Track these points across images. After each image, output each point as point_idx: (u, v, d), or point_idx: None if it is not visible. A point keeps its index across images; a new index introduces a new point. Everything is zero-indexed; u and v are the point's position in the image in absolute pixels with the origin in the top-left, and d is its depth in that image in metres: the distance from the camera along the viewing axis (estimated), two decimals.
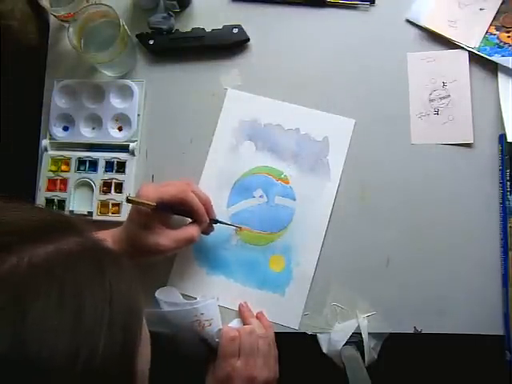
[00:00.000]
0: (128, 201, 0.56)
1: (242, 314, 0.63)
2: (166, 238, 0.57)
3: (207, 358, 0.60)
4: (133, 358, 0.31)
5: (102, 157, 0.67)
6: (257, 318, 0.62)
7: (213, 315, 0.60)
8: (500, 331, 0.60)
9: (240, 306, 0.63)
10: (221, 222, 0.63)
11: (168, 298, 0.62)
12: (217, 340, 0.59)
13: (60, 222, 0.34)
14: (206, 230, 0.62)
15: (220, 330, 0.59)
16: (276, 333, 0.61)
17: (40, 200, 0.67)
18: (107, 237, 0.58)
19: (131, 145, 0.67)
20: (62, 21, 0.72)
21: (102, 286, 0.30)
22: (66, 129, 0.70)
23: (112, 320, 0.29)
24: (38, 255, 0.29)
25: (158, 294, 0.62)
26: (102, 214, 0.66)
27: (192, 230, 0.58)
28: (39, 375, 0.26)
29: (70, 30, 0.65)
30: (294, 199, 0.65)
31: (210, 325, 0.59)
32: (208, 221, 0.60)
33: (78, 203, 0.67)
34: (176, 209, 0.58)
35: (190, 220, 0.60)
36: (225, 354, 0.57)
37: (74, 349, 0.27)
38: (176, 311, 0.60)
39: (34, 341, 0.26)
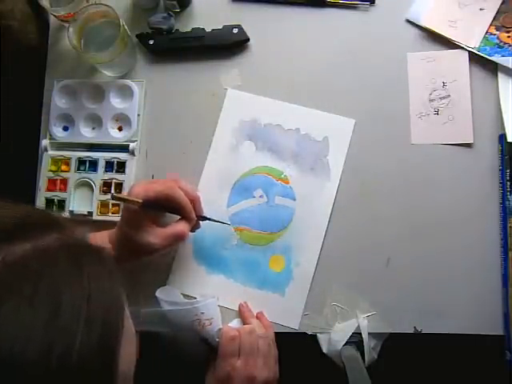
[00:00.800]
0: (113, 198, 0.56)
1: (242, 313, 0.63)
2: (155, 236, 0.56)
3: (207, 358, 0.60)
4: (113, 356, 0.30)
5: (102, 157, 0.67)
6: (257, 317, 0.62)
7: (213, 314, 0.60)
8: (500, 331, 0.60)
9: (240, 305, 0.63)
10: (209, 219, 0.62)
11: (168, 297, 0.62)
12: (217, 339, 0.59)
13: (42, 219, 0.34)
14: (193, 228, 0.60)
15: (220, 329, 0.59)
16: (276, 333, 0.61)
17: (40, 200, 0.67)
18: (105, 237, 0.58)
19: (131, 145, 0.67)
20: (62, 21, 0.72)
21: (80, 283, 0.30)
22: (66, 129, 0.70)
23: (90, 317, 0.29)
24: (15, 253, 0.29)
25: (159, 293, 0.62)
26: (102, 214, 0.66)
27: (181, 227, 0.57)
28: (13, 371, 0.26)
29: (70, 29, 0.65)
30: (294, 199, 0.65)
31: (211, 324, 0.59)
32: (195, 217, 0.59)
33: (78, 203, 0.67)
34: (164, 206, 0.57)
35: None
36: (225, 354, 0.57)
37: (47, 345, 0.27)
38: (176, 310, 0.60)
39: (6, 337, 0.26)
